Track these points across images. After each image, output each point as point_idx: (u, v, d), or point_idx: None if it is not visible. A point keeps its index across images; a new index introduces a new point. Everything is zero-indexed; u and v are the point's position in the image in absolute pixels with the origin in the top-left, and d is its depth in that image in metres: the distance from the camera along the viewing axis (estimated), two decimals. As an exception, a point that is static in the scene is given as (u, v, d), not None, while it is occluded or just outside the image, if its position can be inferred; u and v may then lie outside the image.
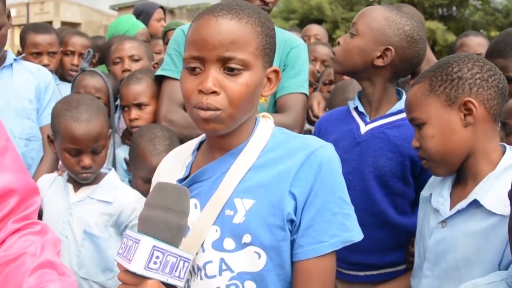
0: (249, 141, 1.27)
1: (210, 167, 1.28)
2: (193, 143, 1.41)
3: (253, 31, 1.19)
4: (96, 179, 2.09)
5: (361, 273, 1.93)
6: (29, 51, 2.98)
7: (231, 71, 1.17)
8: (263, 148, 1.26)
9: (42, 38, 2.99)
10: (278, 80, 1.29)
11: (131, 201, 2.06)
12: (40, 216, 2.06)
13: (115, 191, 2.06)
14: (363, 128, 1.87)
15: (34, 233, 1.25)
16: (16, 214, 1.24)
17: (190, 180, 1.29)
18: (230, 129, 1.23)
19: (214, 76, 1.16)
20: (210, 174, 1.27)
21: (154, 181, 1.44)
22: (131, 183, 2.27)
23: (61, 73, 3.28)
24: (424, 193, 1.71)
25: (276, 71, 1.28)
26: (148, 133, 2.16)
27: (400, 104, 1.85)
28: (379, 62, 1.81)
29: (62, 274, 1.18)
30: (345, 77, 2.83)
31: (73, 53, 3.23)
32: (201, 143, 1.39)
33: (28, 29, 3.08)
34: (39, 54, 2.98)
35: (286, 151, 1.25)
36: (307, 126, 2.76)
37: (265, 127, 1.31)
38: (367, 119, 1.89)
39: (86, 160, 1.97)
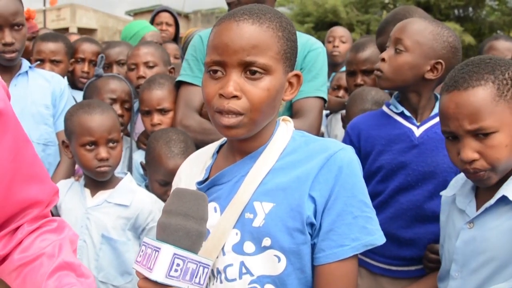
0: (268, 144, 1.27)
1: (230, 170, 1.27)
2: (213, 146, 1.41)
3: (274, 35, 1.19)
4: (112, 183, 2.10)
5: (413, 268, 1.98)
6: (34, 59, 2.98)
7: (252, 76, 1.17)
8: (282, 151, 1.25)
9: (46, 46, 2.98)
10: (300, 84, 1.28)
11: (148, 204, 2.07)
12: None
13: (131, 195, 2.07)
14: (417, 131, 1.93)
15: (51, 231, 1.25)
16: (36, 217, 1.25)
17: (209, 183, 1.29)
18: (251, 134, 1.23)
19: (235, 80, 1.16)
20: (230, 177, 1.27)
21: (175, 184, 1.43)
22: (148, 188, 2.28)
23: (72, 81, 3.26)
24: (446, 193, 1.69)
25: (297, 75, 1.27)
26: (164, 136, 2.18)
27: None
28: (430, 76, 1.87)
29: (80, 275, 1.18)
30: (358, 80, 2.82)
31: (83, 60, 3.20)
32: (221, 146, 1.39)
33: (37, 38, 3.11)
34: (42, 61, 2.97)
35: (305, 154, 1.24)
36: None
37: (285, 130, 1.30)
38: (416, 123, 1.94)
39: (103, 152, 2.01)
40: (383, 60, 1.92)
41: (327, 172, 1.19)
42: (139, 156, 2.46)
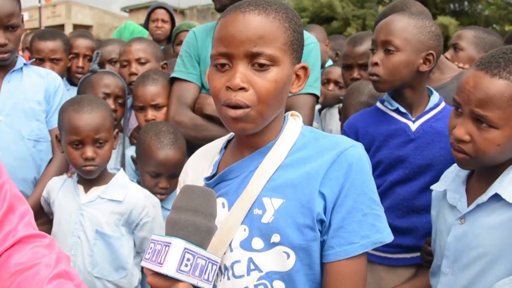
0: (277, 139, 1.25)
1: (238, 165, 1.25)
2: (220, 141, 1.38)
3: (280, 26, 1.17)
4: (105, 179, 2.10)
5: (408, 255, 2.00)
6: (33, 57, 2.99)
7: (259, 67, 1.15)
8: (292, 146, 1.24)
9: (45, 45, 2.99)
10: (307, 77, 1.26)
11: (141, 199, 2.08)
12: (51, 218, 2.11)
13: (125, 190, 2.08)
14: (413, 126, 1.96)
15: (44, 246, 1.25)
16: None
17: (217, 178, 1.27)
18: (259, 128, 1.20)
19: (242, 72, 1.14)
20: (238, 173, 1.25)
21: (181, 179, 1.42)
22: (140, 184, 2.28)
23: (69, 78, 3.25)
24: (437, 187, 1.69)
25: (304, 68, 1.25)
26: (153, 128, 2.22)
27: (434, 99, 1.98)
28: (425, 68, 1.90)
29: (78, 286, 1.19)
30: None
31: (77, 55, 3.21)
32: (229, 141, 1.37)
33: (34, 36, 3.11)
34: (42, 60, 2.98)
35: (315, 150, 1.22)
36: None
37: (294, 125, 1.28)
38: (411, 118, 1.98)
39: (89, 152, 2.00)
40: (375, 64, 1.92)
41: (337, 169, 1.18)
42: (132, 152, 2.46)
